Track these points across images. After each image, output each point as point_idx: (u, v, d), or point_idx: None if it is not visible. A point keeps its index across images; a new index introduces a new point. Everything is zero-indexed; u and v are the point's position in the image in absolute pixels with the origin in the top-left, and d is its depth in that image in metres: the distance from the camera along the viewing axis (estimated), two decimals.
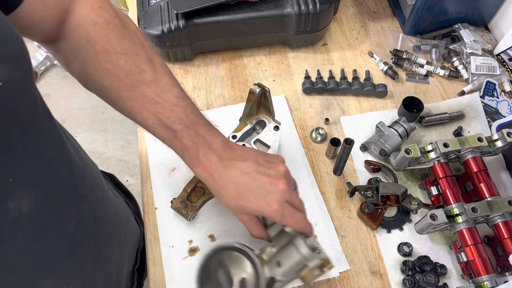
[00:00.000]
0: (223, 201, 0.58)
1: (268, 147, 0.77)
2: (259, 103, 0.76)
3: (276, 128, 0.78)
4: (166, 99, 0.56)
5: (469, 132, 0.85)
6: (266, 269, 0.58)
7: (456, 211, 0.67)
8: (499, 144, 0.72)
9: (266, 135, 0.77)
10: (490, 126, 0.85)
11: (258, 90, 0.72)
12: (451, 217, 0.67)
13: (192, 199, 0.72)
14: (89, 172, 0.59)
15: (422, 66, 0.93)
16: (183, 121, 0.57)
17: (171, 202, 0.72)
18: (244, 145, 0.74)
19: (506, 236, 0.66)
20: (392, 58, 0.94)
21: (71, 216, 0.52)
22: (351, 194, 0.77)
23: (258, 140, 0.77)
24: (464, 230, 0.67)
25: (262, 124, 0.78)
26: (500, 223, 0.67)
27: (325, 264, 0.60)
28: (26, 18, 0.48)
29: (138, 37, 0.57)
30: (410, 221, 0.75)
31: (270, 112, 0.78)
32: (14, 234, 0.42)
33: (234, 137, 0.75)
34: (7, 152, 0.39)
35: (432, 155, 0.73)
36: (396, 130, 0.79)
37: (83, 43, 0.53)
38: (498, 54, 0.93)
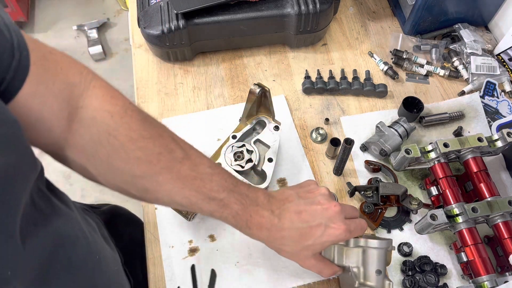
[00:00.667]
0: (287, 251, 0.58)
1: (268, 147, 0.77)
2: (259, 103, 0.76)
3: (276, 128, 0.78)
4: (202, 172, 0.54)
5: (469, 132, 0.85)
6: (379, 285, 0.61)
7: (456, 211, 0.67)
8: (499, 144, 0.72)
9: (266, 135, 0.77)
10: (490, 126, 0.85)
11: (258, 90, 0.72)
12: (451, 217, 0.67)
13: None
14: (83, 236, 0.54)
15: (422, 66, 0.93)
16: (225, 187, 0.55)
17: None
18: (247, 149, 0.74)
19: (506, 236, 0.66)
20: (392, 58, 0.94)
21: None
22: (351, 194, 0.77)
23: (258, 140, 0.77)
24: (464, 230, 0.67)
25: (262, 124, 0.78)
26: (500, 223, 0.67)
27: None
28: (27, 108, 0.44)
29: (154, 118, 0.54)
30: (410, 221, 0.75)
31: (270, 112, 0.78)
32: None
33: (234, 137, 0.75)
34: (8, 242, 0.37)
35: (432, 155, 0.73)
36: (396, 130, 0.79)
37: (104, 138, 0.49)
38: (498, 54, 0.93)
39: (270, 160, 0.75)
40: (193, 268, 0.70)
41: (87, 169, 0.52)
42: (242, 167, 0.73)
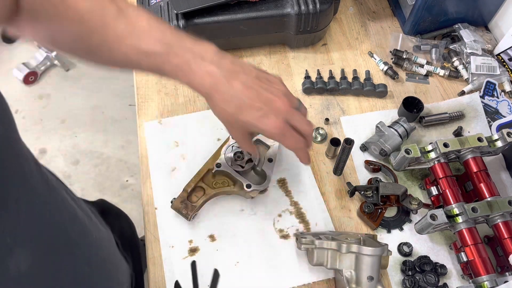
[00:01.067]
0: (221, 113, 0.56)
1: (268, 147, 0.77)
2: None
3: None
4: (139, 28, 0.53)
5: (469, 132, 0.85)
6: None
7: (456, 211, 0.67)
8: (499, 144, 0.72)
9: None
10: (490, 126, 0.85)
11: None
12: (451, 217, 0.67)
13: (192, 199, 0.72)
14: (81, 215, 0.56)
15: (422, 66, 0.93)
16: (164, 41, 0.53)
17: (171, 202, 0.72)
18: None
19: (506, 236, 0.66)
20: (392, 58, 0.94)
21: (67, 265, 0.50)
22: (351, 194, 0.77)
23: (258, 140, 0.77)
24: (464, 230, 0.67)
25: None
26: (500, 223, 0.67)
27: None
28: None
29: None
30: (410, 221, 0.75)
31: None
32: None
33: None
34: (3, 211, 0.37)
35: (432, 155, 0.73)
36: (396, 130, 0.79)
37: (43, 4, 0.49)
38: (498, 54, 0.93)
39: (270, 160, 0.75)
40: (193, 264, 0.70)
41: (36, 34, 0.54)
42: (242, 167, 0.73)
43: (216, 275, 0.69)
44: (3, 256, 0.38)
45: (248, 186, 0.71)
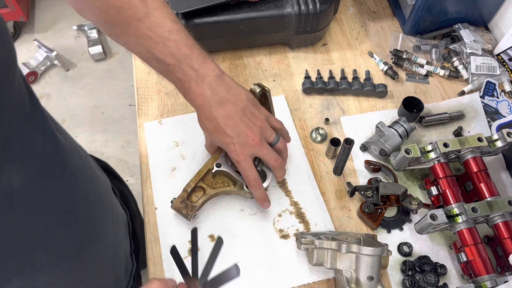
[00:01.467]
0: (202, 126, 0.66)
1: None
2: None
3: None
4: (158, 34, 0.58)
5: (469, 132, 0.85)
6: None
7: (456, 211, 0.67)
8: (499, 144, 0.72)
9: None
10: (490, 126, 0.85)
11: (258, 90, 0.72)
12: (451, 217, 0.67)
13: (192, 199, 0.72)
14: (76, 152, 0.59)
15: (422, 66, 0.93)
16: (175, 55, 0.59)
17: (171, 202, 0.72)
18: None
19: (506, 236, 0.66)
20: (392, 58, 0.94)
21: (62, 193, 0.52)
22: (351, 194, 0.77)
23: None
24: (464, 230, 0.67)
25: None
26: (500, 223, 0.67)
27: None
28: None
29: None
30: (410, 221, 0.75)
31: (271, 112, 0.78)
32: (6, 207, 0.43)
33: None
34: None
35: (432, 155, 0.73)
36: (396, 130, 0.79)
37: None
38: (498, 54, 0.93)
39: None
40: (194, 231, 0.65)
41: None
42: None
43: (219, 241, 0.63)
44: None
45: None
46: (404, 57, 0.93)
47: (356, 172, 0.81)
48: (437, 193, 0.73)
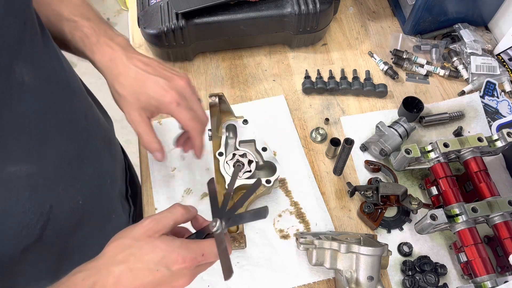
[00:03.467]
0: (119, 89, 0.58)
1: (253, 140, 0.76)
2: (220, 111, 0.76)
3: (245, 121, 0.77)
4: (71, 1, 0.59)
5: (469, 132, 0.85)
6: None
7: (456, 211, 0.67)
8: (499, 144, 0.72)
9: (243, 133, 0.77)
10: (490, 126, 0.85)
11: (216, 99, 0.73)
12: (451, 217, 0.67)
13: (233, 229, 0.70)
14: (78, 79, 0.62)
15: (422, 66, 0.93)
16: (84, 15, 0.59)
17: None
18: (239, 155, 0.74)
19: (506, 236, 0.66)
20: (392, 58, 0.94)
21: (65, 104, 0.54)
22: (351, 194, 0.77)
23: (241, 142, 0.76)
24: (464, 230, 0.67)
25: (232, 128, 0.78)
26: (500, 223, 0.67)
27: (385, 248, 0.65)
28: None
29: None
30: (410, 221, 0.75)
31: (231, 113, 0.78)
32: (20, 96, 0.45)
33: (220, 154, 0.74)
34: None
35: (432, 155, 0.73)
36: (396, 130, 0.79)
37: None
38: (498, 54, 0.93)
39: (264, 149, 0.75)
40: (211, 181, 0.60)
41: None
42: (250, 171, 0.73)
43: (257, 182, 0.58)
44: (9, 62, 0.42)
45: (268, 181, 0.71)
46: (404, 57, 0.93)
47: (356, 172, 0.81)
48: (437, 193, 0.73)
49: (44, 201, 0.52)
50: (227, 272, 0.49)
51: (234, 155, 0.74)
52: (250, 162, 0.74)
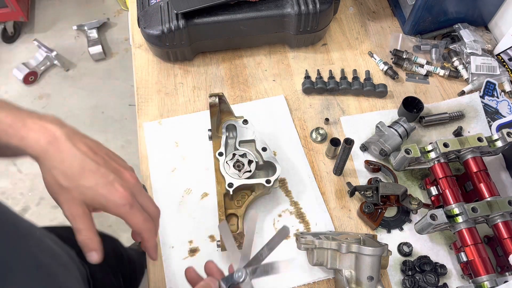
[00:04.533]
0: (61, 179, 0.47)
1: (253, 140, 0.76)
2: (219, 111, 0.76)
3: (245, 121, 0.77)
4: None
5: (469, 132, 0.85)
6: None
7: (456, 211, 0.67)
8: (499, 144, 0.72)
9: (243, 133, 0.77)
10: (490, 126, 0.85)
11: (216, 99, 0.73)
12: (451, 217, 0.67)
13: (233, 229, 0.71)
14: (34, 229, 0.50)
15: (422, 66, 0.93)
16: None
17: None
18: (239, 155, 0.74)
19: (506, 236, 0.66)
20: (392, 58, 0.94)
21: (29, 256, 0.45)
22: (351, 194, 0.77)
23: (241, 142, 0.76)
24: (464, 230, 0.67)
25: (232, 128, 0.78)
26: (500, 223, 0.67)
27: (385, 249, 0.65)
28: None
29: None
30: (410, 221, 0.75)
31: (231, 113, 0.78)
32: None
33: (220, 154, 0.74)
34: None
35: (432, 155, 0.73)
36: (396, 130, 0.79)
37: None
38: (498, 54, 0.93)
39: (264, 149, 0.75)
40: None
41: None
42: (250, 171, 0.73)
43: (284, 230, 0.58)
44: None
45: (268, 181, 0.71)
46: (404, 57, 0.93)
47: (356, 172, 0.81)
48: (437, 193, 0.73)
49: None
50: None
51: (234, 155, 0.74)
52: (250, 162, 0.74)
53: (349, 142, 0.71)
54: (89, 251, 0.49)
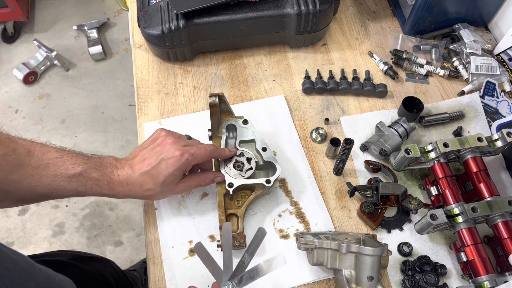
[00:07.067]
0: (153, 194, 0.66)
1: (253, 140, 0.76)
2: (219, 111, 0.76)
3: (245, 122, 0.77)
4: (52, 158, 0.59)
5: (469, 132, 0.85)
6: None
7: (456, 211, 0.67)
8: (499, 144, 0.72)
9: (243, 133, 0.77)
10: (490, 126, 0.85)
11: (216, 99, 0.73)
12: (451, 217, 0.67)
13: (234, 229, 0.71)
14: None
15: (422, 66, 0.93)
16: (79, 163, 0.61)
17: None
18: (238, 154, 0.74)
19: (506, 236, 0.66)
20: (392, 58, 0.94)
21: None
22: (351, 194, 0.77)
23: (240, 142, 0.76)
24: (464, 230, 0.67)
25: (232, 128, 0.78)
26: (500, 223, 0.67)
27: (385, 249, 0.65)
28: None
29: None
30: (410, 221, 0.75)
31: (231, 113, 0.78)
32: None
33: None
34: None
35: (432, 155, 0.73)
36: (396, 130, 0.79)
37: None
38: (498, 54, 0.93)
39: (264, 149, 0.75)
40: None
41: None
42: (252, 168, 0.73)
43: (262, 233, 0.65)
44: None
45: (268, 181, 0.71)
46: (404, 57, 0.93)
47: (356, 172, 0.81)
48: (437, 193, 0.73)
49: None
50: None
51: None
52: (249, 160, 0.74)
53: (349, 142, 0.71)
54: (219, 178, 0.71)
